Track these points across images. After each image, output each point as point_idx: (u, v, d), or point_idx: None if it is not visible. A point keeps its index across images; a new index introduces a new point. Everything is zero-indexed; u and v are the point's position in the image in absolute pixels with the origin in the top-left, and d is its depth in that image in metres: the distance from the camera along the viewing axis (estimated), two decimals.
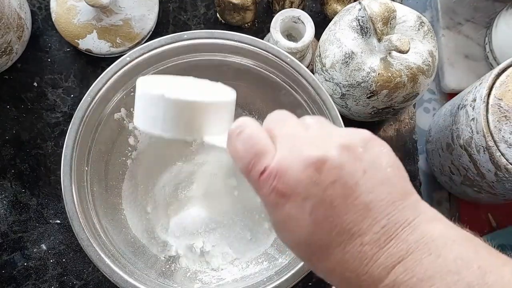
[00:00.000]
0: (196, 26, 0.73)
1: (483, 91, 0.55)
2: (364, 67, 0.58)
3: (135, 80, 0.60)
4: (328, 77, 0.62)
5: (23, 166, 0.69)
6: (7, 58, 0.67)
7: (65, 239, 0.67)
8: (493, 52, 0.71)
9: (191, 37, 0.59)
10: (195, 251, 0.63)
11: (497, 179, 0.56)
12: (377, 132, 0.71)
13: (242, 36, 0.59)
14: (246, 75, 0.62)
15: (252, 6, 0.69)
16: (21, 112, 0.70)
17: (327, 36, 0.62)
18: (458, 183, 0.65)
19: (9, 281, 0.66)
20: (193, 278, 0.61)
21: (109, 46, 0.69)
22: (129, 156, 0.65)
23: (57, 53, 0.72)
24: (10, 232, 0.67)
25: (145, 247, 0.62)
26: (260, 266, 0.61)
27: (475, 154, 0.57)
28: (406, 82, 0.58)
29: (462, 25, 0.75)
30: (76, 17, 0.68)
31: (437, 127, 0.67)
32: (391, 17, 0.57)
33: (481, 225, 0.71)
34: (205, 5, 0.74)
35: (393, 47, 0.55)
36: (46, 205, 0.68)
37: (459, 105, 0.61)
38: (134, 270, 0.56)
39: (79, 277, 0.66)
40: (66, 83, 0.71)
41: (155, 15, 0.70)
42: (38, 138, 0.69)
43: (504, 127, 0.54)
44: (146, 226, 0.64)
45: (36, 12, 0.73)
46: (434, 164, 0.69)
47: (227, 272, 0.62)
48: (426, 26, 0.60)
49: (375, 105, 0.62)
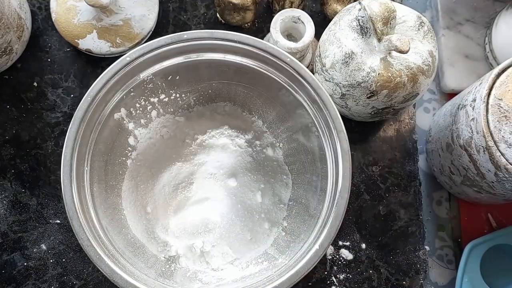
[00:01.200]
0: (196, 26, 0.73)
1: (483, 91, 0.55)
2: (364, 67, 0.58)
3: (135, 80, 0.60)
4: (328, 77, 0.62)
5: (23, 166, 0.69)
6: (7, 58, 0.67)
7: (65, 239, 0.67)
8: (493, 52, 0.71)
9: (191, 37, 0.59)
10: (195, 251, 0.63)
11: (497, 179, 0.56)
12: (377, 132, 0.71)
13: (242, 36, 0.59)
14: (246, 75, 0.62)
15: (252, 6, 0.69)
16: (21, 112, 0.70)
17: (327, 36, 0.62)
18: (458, 183, 0.65)
19: (9, 281, 0.66)
20: (193, 278, 0.61)
21: (109, 46, 0.69)
22: (129, 156, 0.65)
23: (57, 53, 0.72)
24: (10, 232, 0.67)
25: (145, 247, 0.62)
26: (260, 266, 0.61)
27: (475, 154, 0.57)
28: (406, 82, 0.58)
29: (462, 25, 0.75)
30: (76, 17, 0.68)
31: (437, 127, 0.67)
32: (391, 17, 0.57)
33: (481, 225, 0.71)
34: (205, 5, 0.74)
35: (393, 47, 0.55)
36: (46, 205, 0.68)
37: (459, 105, 0.61)
38: (134, 270, 0.56)
39: (79, 277, 0.66)
40: (66, 83, 0.71)
41: (155, 15, 0.70)
42: (38, 138, 0.69)
43: (504, 127, 0.54)
44: (146, 226, 0.64)
45: (36, 12, 0.73)
46: (434, 164, 0.69)
47: (227, 272, 0.62)
48: (426, 26, 0.60)
49: (375, 105, 0.62)
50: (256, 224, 0.64)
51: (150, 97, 0.64)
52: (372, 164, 0.70)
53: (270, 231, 0.64)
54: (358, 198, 0.70)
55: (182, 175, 0.66)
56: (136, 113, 0.64)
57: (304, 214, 0.62)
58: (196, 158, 0.66)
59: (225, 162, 0.65)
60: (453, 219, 0.71)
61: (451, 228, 0.71)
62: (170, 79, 0.63)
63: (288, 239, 0.62)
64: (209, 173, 0.65)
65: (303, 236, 0.59)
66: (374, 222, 0.69)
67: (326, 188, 0.58)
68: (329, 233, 0.55)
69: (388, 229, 0.69)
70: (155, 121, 0.66)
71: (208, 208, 0.65)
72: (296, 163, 0.66)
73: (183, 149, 0.67)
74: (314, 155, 0.62)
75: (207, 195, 0.65)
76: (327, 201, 0.58)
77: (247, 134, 0.67)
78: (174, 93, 0.65)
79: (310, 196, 0.62)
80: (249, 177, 0.65)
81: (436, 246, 0.71)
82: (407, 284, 0.68)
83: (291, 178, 0.66)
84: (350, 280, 0.67)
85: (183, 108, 0.67)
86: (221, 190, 0.65)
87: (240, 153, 0.66)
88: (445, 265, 0.70)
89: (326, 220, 0.56)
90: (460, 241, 0.70)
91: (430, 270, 0.70)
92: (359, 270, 0.68)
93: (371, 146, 0.71)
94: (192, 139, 0.67)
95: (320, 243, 0.55)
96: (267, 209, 0.65)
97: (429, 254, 0.70)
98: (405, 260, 0.68)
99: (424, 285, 0.68)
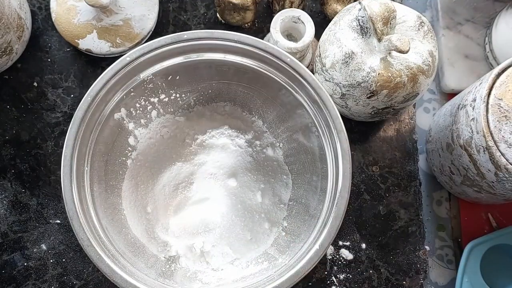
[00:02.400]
0: (196, 26, 0.73)
1: (483, 91, 0.55)
2: (364, 67, 0.58)
3: (135, 80, 0.60)
4: (328, 77, 0.62)
5: (23, 166, 0.69)
6: (7, 58, 0.67)
7: (65, 239, 0.67)
8: (493, 52, 0.71)
9: (191, 37, 0.59)
10: (195, 251, 0.63)
11: (497, 179, 0.56)
12: (377, 132, 0.71)
13: (242, 36, 0.59)
14: (246, 75, 0.62)
15: (252, 6, 0.69)
16: (21, 112, 0.70)
17: (327, 36, 0.62)
18: (458, 183, 0.65)
19: (9, 281, 0.66)
20: (193, 278, 0.61)
21: (109, 46, 0.69)
22: (129, 156, 0.65)
23: (57, 53, 0.72)
24: (10, 232, 0.67)
25: (145, 247, 0.62)
26: (260, 266, 0.61)
27: (475, 154, 0.57)
28: (406, 82, 0.58)
29: (462, 25, 0.75)
30: (76, 17, 0.68)
31: (437, 127, 0.67)
32: (391, 17, 0.57)
33: (481, 225, 0.71)
34: (205, 5, 0.74)
35: (393, 47, 0.55)
36: (46, 205, 0.68)
37: (459, 105, 0.61)
38: (134, 270, 0.56)
39: (79, 277, 0.66)
40: (66, 83, 0.71)
41: (155, 15, 0.70)
42: (38, 138, 0.69)
43: (504, 127, 0.54)
44: (146, 226, 0.64)
45: (36, 12, 0.73)
46: (434, 164, 0.69)
47: (227, 272, 0.62)
48: (426, 26, 0.60)
49: (375, 105, 0.62)
50: (256, 224, 0.64)
51: (150, 97, 0.64)
52: (372, 164, 0.70)
53: (270, 231, 0.64)
54: (358, 198, 0.70)
55: (182, 175, 0.66)
56: (136, 113, 0.64)
57: (304, 214, 0.62)
58: (196, 158, 0.66)
59: (225, 162, 0.65)
60: (453, 219, 0.71)
61: (451, 228, 0.71)
62: (170, 79, 0.63)
63: (288, 239, 0.62)
64: (209, 173, 0.65)
65: (303, 236, 0.59)
66: (374, 222, 0.69)
67: (326, 188, 0.58)
68: (329, 233, 0.55)
69: (388, 229, 0.69)
70: (155, 121, 0.66)
71: (208, 208, 0.65)
72: (296, 163, 0.66)
73: (183, 149, 0.67)
74: (314, 155, 0.62)
75: (207, 195, 0.65)
76: (327, 201, 0.58)
77: (247, 134, 0.67)
78: (174, 93, 0.65)
79: (310, 196, 0.62)
80: (249, 177, 0.65)
81: (436, 246, 0.71)
82: (407, 284, 0.68)
83: (291, 178, 0.66)
84: (350, 280, 0.67)
85: (183, 108, 0.67)
86: (221, 190, 0.65)
87: (240, 153, 0.66)
88: (445, 265, 0.70)
89: (326, 220, 0.56)
90: (460, 241, 0.70)
91: (430, 270, 0.70)
92: (359, 270, 0.68)
93: (371, 146, 0.71)
94: (192, 139, 0.67)
95: (320, 243, 0.55)
96: (267, 209, 0.65)
97: (429, 254, 0.70)
98: (405, 260, 0.68)
99: (424, 285, 0.68)
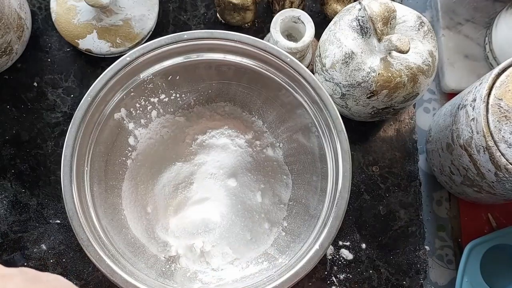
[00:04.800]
0: (196, 26, 0.73)
1: (483, 91, 0.55)
2: (364, 67, 0.58)
3: (135, 80, 0.60)
4: (328, 77, 0.62)
5: (23, 166, 0.69)
6: (7, 58, 0.67)
7: (65, 239, 0.67)
8: (493, 52, 0.71)
9: (191, 37, 0.59)
10: (195, 251, 0.63)
11: (497, 179, 0.56)
12: (377, 132, 0.71)
13: (242, 36, 0.59)
14: (246, 75, 0.62)
15: (252, 6, 0.69)
16: (21, 112, 0.70)
17: (327, 36, 0.62)
18: (458, 183, 0.65)
19: None
20: (193, 278, 0.61)
21: (109, 46, 0.69)
22: (129, 156, 0.65)
23: (57, 53, 0.72)
24: (10, 232, 0.67)
25: (145, 247, 0.62)
26: (260, 266, 0.61)
27: (475, 154, 0.57)
28: (406, 82, 0.59)
29: (462, 25, 0.75)
30: (76, 17, 0.68)
31: (437, 127, 0.67)
32: (391, 17, 0.57)
33: (481, 225, 0.71)
34: (205, 5, 0.74)
35: (393, 47, 0.55)
36: (46, 205, 0.68)
37: (459, 105, 0.61)
38: (134, 270, 0.56)
39: (79, 277, 0.66)
40: (66, 83, 0.71)
41: (155, 15, 0.70)
42: (38, 138, 0.69)
43: (504, 127, 0.54)
44: (146, 226, 0.64)
45: (36, 12, 0.73)
46: (434, 164, 0.69)
47: (227, 272, 0.62)
48: (426, 26, 0.60)
49: (375, 105, 0.62)
50: (256, 224, 0.64)
51: (150, 97, 0.64)
52: (372, 164, 0.70)
53: (270, 231, 0.64)
54: (358, 198, 0.70)
55: (182, 175, 0.66)
56: (136, 113, 0.64)
57: (304, 214, 0.62)
58: (196, 158, 0.66)
59: (225, 162, 0.65)
60: (453, 219, 0.71)
61: (451, 228, 0.71)
62: (170, 79, 0.63)
63: (288, 239, 0.62)
64: (209, 173, 0.65)
65: (303, 236, 0.59)
66: (374, 222, 0.69)
67: (326, 188, 0.58)
68: (329, 233, 0.55)
69: (388, 229, 0.69)
70: (155, 121, 0.66)
71: (208, 208, 0.65)
72: (296, 163, 0.66)
73: (183, 149, 0.67)
74: (314, 155, 0.62)
75: (207, 195, 0.65)
76: (327, 201, 0.58)
77: (247, 134, 0.67)
78: (174, 93, 0.65)
79: (310, 196, 0.62)
80: (249, 177, 0.65)
81: (436, 246, 0.71)
82: (407, 284, 0.68)
83: (291, 178, 0.66)
84: (350, 280, 0.67)
85: (183, 108, 0.67)
86: (221, 190, 0.65)
87: (240, 153, 0.66)
88: (445, 265, 0.70)
89: (326, 220, 0.56)
90: (460, 241, 0.70)
91: (430, 270, 0.70)
92: (359, 270, 0.68)
93: (371, 146, 0.71)
94: (192, 139, 0.67)
95: (320, 243, 0.55)
96: (267, 209, 0.65)
97: (429, 254, 0.70)
98: (405, 260, 0.68)
99: (424, 285, 0.68)
